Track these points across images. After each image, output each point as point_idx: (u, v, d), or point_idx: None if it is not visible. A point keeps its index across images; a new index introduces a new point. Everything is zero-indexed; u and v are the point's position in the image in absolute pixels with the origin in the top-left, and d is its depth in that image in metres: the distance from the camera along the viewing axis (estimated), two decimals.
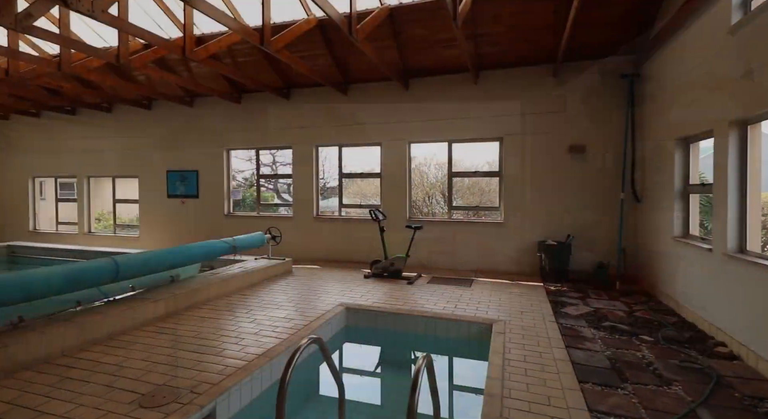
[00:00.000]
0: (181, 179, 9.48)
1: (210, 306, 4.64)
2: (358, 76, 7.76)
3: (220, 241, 5.59)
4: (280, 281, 6.04)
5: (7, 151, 11.42)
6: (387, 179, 7.80)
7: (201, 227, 9.30)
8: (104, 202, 11.31)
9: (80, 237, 10.49)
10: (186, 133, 9.44)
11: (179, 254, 4.79)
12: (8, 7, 4.36)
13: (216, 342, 3.52)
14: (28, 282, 3.22)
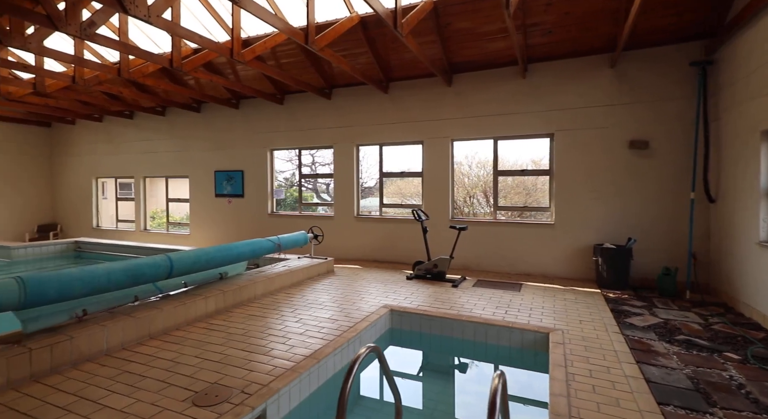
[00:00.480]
0: (228, 179, 9.80)
1: (257, 304, 4.69)
2: (400, 74, 7.63)
3: (266, 240, 5.66)
4: (323, 280, 6.04)
5: (74, 154, 12.39)
6: (429, 178, 7.61)
7: (245, 226, 9.57)
8: (158, 201, 11.98)
9: (137, 234, 11.16)
10: (232, 134, 9.76)
11: (228, 252, 4.89)
12: (74, 17, 4.63)
13: (264, 340, 3.52)
14: (92, 278, 3.37)
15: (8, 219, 11.84)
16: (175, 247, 7.95)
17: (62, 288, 3.15)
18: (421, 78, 7.61)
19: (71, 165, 12.49)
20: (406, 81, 7.77)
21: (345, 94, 8.40)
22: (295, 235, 6.35)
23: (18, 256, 8.37)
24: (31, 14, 4.35)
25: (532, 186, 9.98)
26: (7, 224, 11.81)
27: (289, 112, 9.04)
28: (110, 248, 8.72)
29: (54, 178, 12.87)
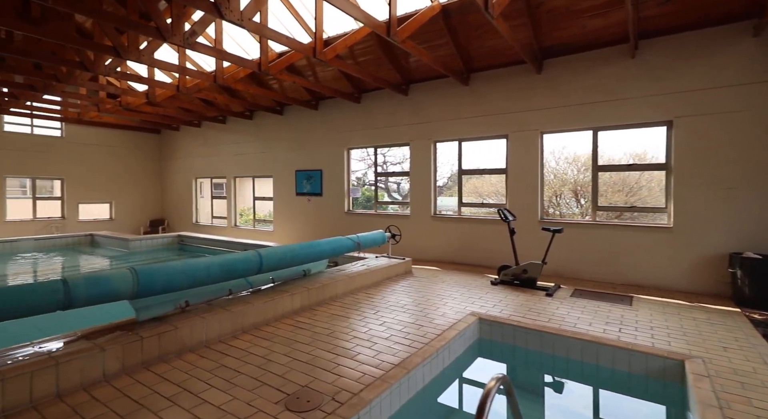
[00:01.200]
0: (308, 178, 10.14)
1: (339, 303, 4.64)
2: (481, 64, 7.13)
3: (346, 238, 5.63)
4: (402, 281, 5.84)
5: (178, 156, 13.90)
6: (514, 175, 7.00)
7: (324, 223, 9.81)
8: (246, 199, 12.91)
9: (228, 230, 12.14)
10: (311, 134, 10.07)
11: (311, 249, 4.92)
12: (178, 28, 5.00)
13: (349, 343, 3.39)
14: (193, 271, 3.55)
15: (128, 215, 13.68)
16: (261, 243, 8.41)
17: (168, 280, 3.34)
18: (505, 66, 7.03)
19: (175, 167, 14.03)
20: (488, 71, 7.24)
21: (422, 89, 8.12)
22: (373, 234, 6.25)
23: (134, 248, 9.54)
24: (145, 28, 4.78)
25: (634, 183, 8.74)
26: (127, 218, 13.66)
27: (365, 110, 9.03)
28: (206, 242, 9.54)
29: (162, 178, 14.59)
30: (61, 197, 12.27)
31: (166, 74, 8.66)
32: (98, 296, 2.90)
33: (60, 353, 2.58)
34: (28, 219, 11.54)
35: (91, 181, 12.72)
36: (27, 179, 11.76)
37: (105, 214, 13.32)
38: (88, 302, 2.86)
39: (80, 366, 2.58)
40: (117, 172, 13.37)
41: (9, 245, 9.45)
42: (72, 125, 12.23)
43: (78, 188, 12.46)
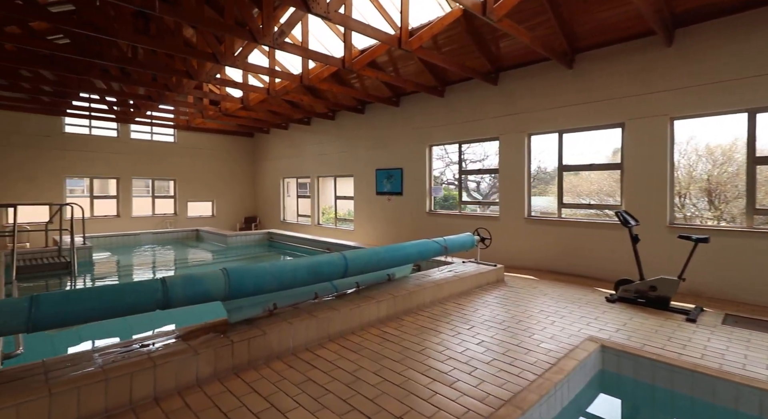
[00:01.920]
0: (388, 177, 9.93)
1: (427, 313, 4.23)
2: (590, 42, 6.11)
3: (433, 241, 5.20)
4: (494, 291, 5.22)
5: (268, 158, 14.81)
6: (631, 171, 5.88)
7: (404, 224, 9.51)
8: (328, 198, 13.23)
9: (312, 228, 12.54)
10: (392, 132, 9.83)
11: (396, 253, 4.59)
12: (268, 29, 5.04)
13: (445, 365, 2.96)
14: (281, 273, 3.43)
15: (225, 212, 14.98)
16: (343, 242, 8.40)
17: (257, 281, 3.25)
18: (621, 42, 5.93)
19: (266, 167, 14.98)
20: (598, 49, 6.19)
21: (514, 77, 7.31)
22: (461, 237, 5.72)
23: (231, 243, 10.29)
24: (239, 31, 4.90)
25: None
26: (225, 216, 14.96)
27: (449, 104, 8.49)
28: (292, 239, 9.89)
29: (255, 178, 15.71)
30: (173, 196, 13.87)
31: (257, 79, 9.10)
32: (193, 296, 2.88)
33: (157, 354, 2.58)
34: (148, 215, 13.25)
35: (197, 181, 14.17)
36: (148, 180, 13.50)
37: (208, 211, 14.76)
38: (185, 302, 2.85)
39: (175, 369, 2.54)
40: (218, 173, 14.70)
41: (134, 238, 10.87)
42: (182, 132, 13.74)
43: (187, 188, 13.97)
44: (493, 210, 8.38)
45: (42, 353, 3.67)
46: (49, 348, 4.03)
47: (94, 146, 11.89)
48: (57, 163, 11.17)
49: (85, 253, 7.95)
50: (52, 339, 4.25)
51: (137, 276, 7.60)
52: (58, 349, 4.09)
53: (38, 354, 3.66)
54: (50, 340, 4.21)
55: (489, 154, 10.71)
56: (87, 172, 11.84)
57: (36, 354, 3.63)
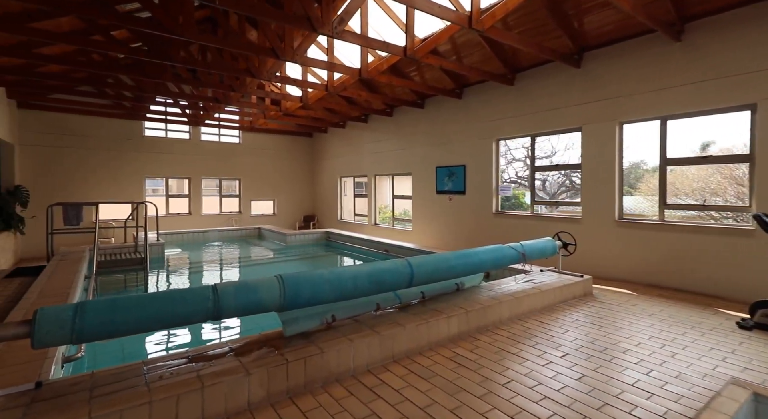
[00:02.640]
0: (449, 175, 9.30)
1: (505, 333, 3.61)
2: (705, 7, 4.99)
3: (508, 247, 4.53)
4: (582, 307, 4.42)
5: (326, 157, 14.86)
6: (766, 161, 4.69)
7: (467, 225, 8.82)
8: (384, 197, 12.90)
9: (369, 228, 12.28)
10: (454, 127, 9.17)
11: (467, 259, 4.01)
12: (327, 16, 4.71)
13: (542, 408, 2.35)
14: (339, 281, 3.04)
15: (286, 211, 15.31)
16: (401, 244, 7.94)
17: (314, 291, 2.89)
18: (748, 4, 4.76)
19: (323, 166, 15.04)
20: (717, 15, 5.05)
21: (602, 57, 6.31)
22: (540, 243, 4.96)
23: (290, 242, 10.33)
24: (299, 21, 4.64)
25: None
26: (286, 214, 15.29)
27: (520, 93, 7.64)
28: (349, 239, 9.66)
29: (313, 177, 15.88)
30: (238, 195, 14.45)
31: (315, 76, 8.96)
32: (246, 306, 2.58)
33: (206, 373, 2.30)
34: (216, 213, 13.91)
35: (259, 180, 14.62)
36: (216, 179, 14.18)
37: (270, 210, 15.18)
38: (237, 313, 2.56)
39: (225, 390, 2.24)
40: (279, 173, 15.06)
41: (202, 235, 11.38)
42: (246, 133, 14.24)
43: (250, 187, 14.46)
44: (564, 210, 7.40)
45: (101, 355, 3.65)
46: (109, 348, 4.05)
47: (168, 148, 12.70)
48: (137, 163, 12.07)
49: (158, 250, 8.36)
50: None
51: (205, 272, 7.81)
52: (116, 350, 4.10)
53: (98, 355, 3.65)
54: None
55: (558, 148, 9.57)
56: (162, 172, 12.68)
57: (96, 357, 3.62)
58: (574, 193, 11.83)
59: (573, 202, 7.32)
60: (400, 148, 10.94)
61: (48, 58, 6.53)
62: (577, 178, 11.93)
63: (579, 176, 7.12)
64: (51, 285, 4.49)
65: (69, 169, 10.95)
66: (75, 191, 10.89)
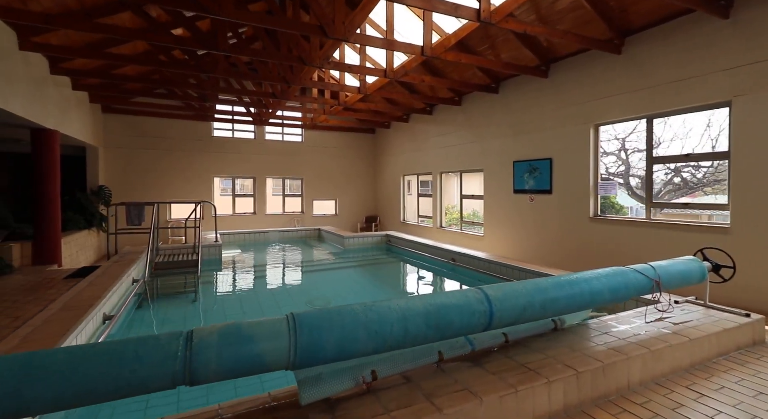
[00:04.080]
0: (530, 171, 7.80)
1: (642, 410, 2.30)
2: None
3: (633, 270, 3.13)
4: (757, 366, 2.87)
5: (389, 154, 14.02)
6: None
7: (553, 231, 7.27)
8: (451, 197, 11.66)
9: (433, 231, 11.14)
10: (536, 113, 7.65)
11: (573, 289, 2.75)
12: None
13: None
14: (381, 324, 2.04)
15: (348, 211, 14.80)
16: (470, 252, 6.70)
17: (343, 339, 1.93)
18: None
19: (386, 164, 14.23)
20: None
21: (756, 5, 4.46)
22: (680, 264, 3.44)
23: (348, 245, 9.62)
24: None
25: None
26: (347, 214, 14.79)
27: (629, 63, 5.95)
28: (411, 244, 8.63)
29: (375, 176, 15.17)
30: (301, 194, 14.27)
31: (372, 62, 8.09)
32: (235, 365, 1.70)
33: None
34: (279, 213, 13.87)
35: (321, 179, 14.30)
36: (279, 179, 14.15)
37: (331, 210, 14.80)
38: (220, 374, 1.69)
39: None
40: (340, 171, 14.60)
41: (263, 235, 11.24)
42: (308, 131, 13.98)
43: (313, 186, 14.20)
44: (670, 214, 5.55)
45: None
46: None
47: (235, 148, 12.87)
48: (206, 163, 12.38)
49: (215, 251, 8.17)
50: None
51: (257, 277, 7.40)
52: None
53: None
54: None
55: (665, 138, 7.31)
56: (229, 171, 12.89)
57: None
58: (686, 191, 9.47)
59: (710, 204, 5.46)
60: (469, 141, 9.64)
61: (118, 58, 6.56)
62: (689, 174, 9.52)
63: (707, 169, 5.27)
64: (86, 292, 4.17)
65: (145, 169, 11.52)
66: (149, 190, 11.42)
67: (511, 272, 5.60)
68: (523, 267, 5.43)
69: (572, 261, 6.83)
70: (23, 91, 5.74)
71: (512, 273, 5.56)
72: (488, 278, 5.92)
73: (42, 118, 6.43)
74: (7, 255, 6.46)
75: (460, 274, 6.70)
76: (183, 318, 4.74)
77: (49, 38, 5.98)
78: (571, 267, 6.34)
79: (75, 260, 8.54)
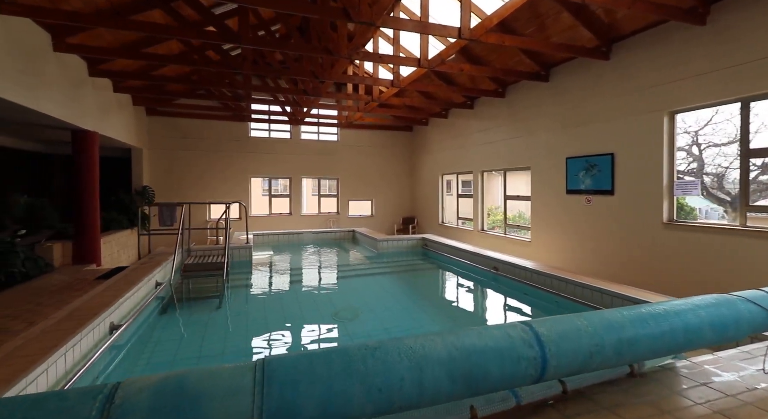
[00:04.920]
0: (587, 168, 6.83)
1: None
2: None
3: (742, 299, 2.30)
4: None
5: (427, 152, 13.35)
6: None
7: (616, 239, 6.27)
8: (494, 197, 10.78)
9: (474, 235, 10.34)
10: (596, 102, 6.67)
11: (661, 326, 2.00)
12: None
13: None
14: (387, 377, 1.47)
15: (384, 211, 14.32)
16: (515, 261, 5.89)
17: (330, 400, 1.39)
18: None
19: (424, 162, 13.57)
20: None
21: None
22: None
23: (381, 249, 9.11)
24: None
25: None
26: (383, 215, 14.31)
27: (717, 35, 4.88)
28: (450, 250, 7.93)
29: (413, 175, 14.56)
30: (336, 195, 14.00)
31: (405, 52, 7.50)
32: None
33: None
34: (314, 214, 13.69)
35: (357, 179, 13.94)
36: (315, 179, 13.98)
37: (367, 211, 14.40)
38: None
39: None
40: (377, 171, 14.16)
41: (296, 236, 11.04)
42: (344, 130, 13.67)
43: (348, 186, 13.88)
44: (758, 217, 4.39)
45: None
46: None
47: (271, 148, 12.85)
48: (243, 164, 12.46)
49: (246, 253, 8.01)
50: None
51: (285, 283, 7.10)
52: None
53: None
54: None
55: (727, 131, 5.92)
56: (266, 172, 12.90)
57: None
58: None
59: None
60: (515, 136, 8.75)
61: (153, 57, 6.55)
62: None
63: None
64: (97, 298, 3.98)
65: (185, 170, 11.78)
66: (189, 191, 11.65)
67: (569, 288, 4.74)
68: (586, 284, 4.53)
69: (637, 275, 5.81)
70: (57, 92, 5.83)
71: (570, 290, 4.72)
72: (538, 292, 5.12)
73: (79, 120, 6.54)
74: (48, 255, 6.65)
75: (503, 285, 5.93)
76: (204, 326, 4.46)
77: (83, 39, 6.03)
78: (636, 283, 5.36)
79: (116, 259, 8.78)
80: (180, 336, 4.23)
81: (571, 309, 4.60)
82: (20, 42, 4.95)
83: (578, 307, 4.50)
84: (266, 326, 4.59)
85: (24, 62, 5.01)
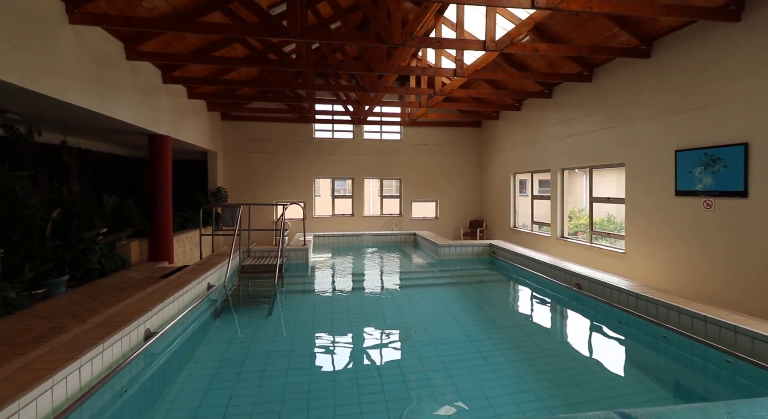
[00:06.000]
0: (705, 163, 5.37)
1: None
2: None
3: None
4: None
5: (497, 149, 12.20)
6: None
7: (751, 256, 4.78)
8: (577, 199, 9.34)
9: (552, 243, 9.07)
10: (718, 78, 5.19)
11: None
12: None
13: None
14: None
15: (449, 214, 13.47)
16: (605, 279, 4.74)
17: None
18: None
19: (494, 161, 12.46)
20: None
21: None
22: None
23: (443, 255, 8.37)
24: None
25: None
26: (449, 218, 13.46)
27: None
28: (521, 260, 6.91)
29: (481, 174, 13.48)
30: (399, 195, 13.52)
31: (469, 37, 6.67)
32: None
33: None
34: (377, 215, 13.36)
35: (420, 180, 13.30)
36: (377, 179, 13.66)
37: (431, 213, 13.68)
38: None
39: None
40: (442, 171, 13.38)
41: (356, 238, 10.77)
42: (407, 128, 13.12)
43: (411, 187, 13.31)
44: None
45: None
46: None
47: (334, 148, 12.82)
48: (308, 164, 12.60)
49: (302, 255, 7.87)
50: None
51: (341, 289, 6.79)
52: None
53: None
54: None
55: None
56: (329, 172, 12.90)
57: None
58: None
59: None
60: (604, 126, 7.39)
61: (220, 60, 6.72)
62: None
63: None
64: (139, 303, 3.94)
65: (255, 171, 12.24)
66: (258, 191, 12.08)
67: (684, 320, 3.58)
68: (711, 317, 3.34)
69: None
70: (130, 98, 6.17)
71: (686, 323, 3.56)
72: (638, 322, 4.02)
73: (153, 125, 6.92)
74: (126, 252, 7.15)
75: (589, 309, 4.86)
76: (251, 336, 4.24)
77: (154, 47, 6.32)
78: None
79: (189, 257, 9.31)
80: (224, 344, 4.06)
81: (688, 351, 3.46)
82: (94, 52, 5.26)
83: (698, 348, 3.36)
84: (311, 340, 4.24)
85: (97, 70, 5.33)
